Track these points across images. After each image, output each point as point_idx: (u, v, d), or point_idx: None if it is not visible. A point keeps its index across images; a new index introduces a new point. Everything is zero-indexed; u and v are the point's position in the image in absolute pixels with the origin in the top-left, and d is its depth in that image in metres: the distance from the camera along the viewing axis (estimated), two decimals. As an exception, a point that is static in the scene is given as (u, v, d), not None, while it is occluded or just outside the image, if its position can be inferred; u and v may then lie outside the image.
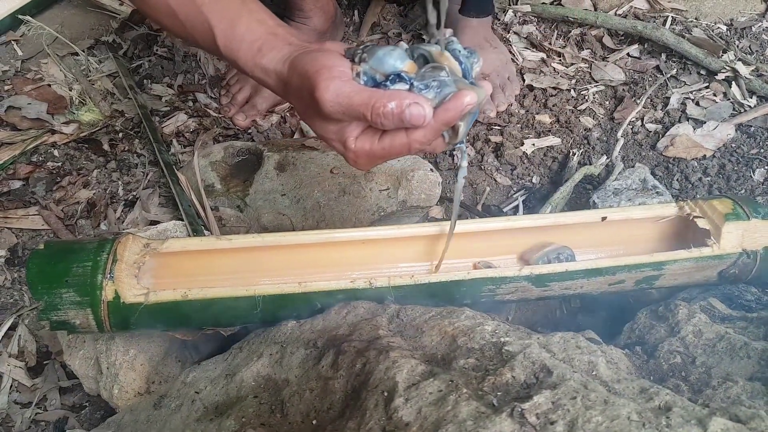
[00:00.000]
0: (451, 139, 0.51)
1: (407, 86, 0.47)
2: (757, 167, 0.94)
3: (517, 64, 1.13)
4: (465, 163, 0.55)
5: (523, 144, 0.99)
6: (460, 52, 0.48)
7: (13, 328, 0.80)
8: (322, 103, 0.46)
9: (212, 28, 0.54)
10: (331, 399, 0.48)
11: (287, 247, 0.66)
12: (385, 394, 0.44)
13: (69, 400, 0.74)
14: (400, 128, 0.47)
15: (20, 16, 1.22)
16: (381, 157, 0.50)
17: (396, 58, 0.47)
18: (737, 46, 1.12)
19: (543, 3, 1.21)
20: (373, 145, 0.49)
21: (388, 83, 0.47)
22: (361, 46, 0.49)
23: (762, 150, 0.96)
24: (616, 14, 1.19)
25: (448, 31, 0.49)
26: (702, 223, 0.66)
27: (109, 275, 0.57)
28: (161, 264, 0.64)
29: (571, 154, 0.96)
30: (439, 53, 0.47)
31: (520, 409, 0.40)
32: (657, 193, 0.80)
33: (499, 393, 0.43)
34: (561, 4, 1.21)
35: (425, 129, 0.47)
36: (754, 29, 1.16)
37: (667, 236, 0.71)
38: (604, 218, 0.68)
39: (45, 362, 0.77)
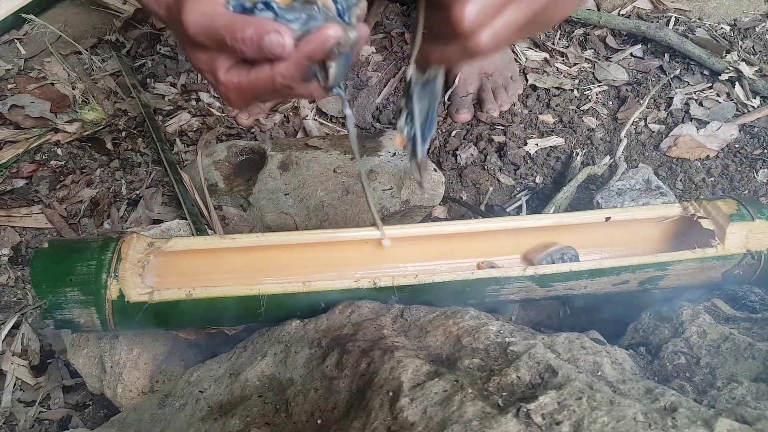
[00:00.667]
0: (324, 82, 0.48)
1: (273, 15, 0.45)
2: (761, 168, 0.94)
3: (520, 64, 1.13)
4: (349, 111, 0.56)
5: (526, 144, 0.99)
6: None
7: (16, 326, 0.80)
8: (186, 24, 0.46)
9: None
10: (335, 398, 0.48)
11: (291, 246, 0.66)
12: (390, 394, 0.44)
13: (72, 398, 0.74)
14: (265, 60, 0.46)
15: (24, 15, 1.22)
16: (249, 91, 0.48)
17: None
18: (741, 47, 1.12)
19: (546, 3, 1.21)
20: (241, 78, 0.47)
21: (255, 10, 0.46)
22: None
23: (765, 151, 0.96)
24: (619, 14, 1.19)
25: None
26: (706, 224, 0.65)
27: (113, 274, 0.57)
28: (165, 263, 0.64)
29: (574, 154, 0.96)
30: None
31: (525, 410, 0.40)
32: (661, 193, 0.80)
33: (504, 393, 0.43)
34: (564, 4, 1.21)
35: (288, 62, 0.45)
36: (757, 30, 1.15)
37: (670, 237, 0.71)
38: (607, 218, 0.68)
39: (48, 361, 0.77)
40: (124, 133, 1.03)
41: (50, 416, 0.72)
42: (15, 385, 0.74)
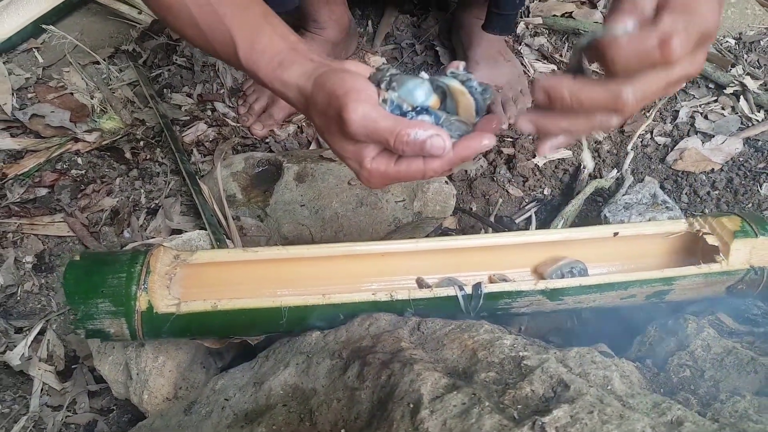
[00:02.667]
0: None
1: (431, 120, 0.50)
2: (764, 181, 0.96)
3: (529, 76, 1.15)
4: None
5: (534, 156, 1.01)
6: (476, 89, 0.51)
7: (42, 332, 0.82)
8: (348, 123, 0.48)
9: (234, 39, 0.55)
10: (358, 409, 0.51)
11: (310, 259, 0.68)
12: (411, 405, 0.47)
13: (97, 403, 0.76)
14: (418, 156, 0.50)
15: (43, 26, 1.24)
16: (395, 179, 0.52)
17: (424, 93, 0.51)
18: (746, 60, 1.14)
19: (554, 15, 1.23)
20: (389, 167, 0.51)
21: (414, 114, 0.50)
22: (387, 73, 0.52)
23: (769, 164, 0.99)
24: (626, 27, 1.21)
25: (461, 64, 0.52)
26: (711, 240, 0.68)
27: (143, 286, 0.60)
28: (190, 274, 0.66)
29: (581, 166, 0.98)
30: (458, 89, 0.51)
31: (540, 423, 0.42)
32: (667, 207, 0.82)
33: (519, 406, 0.46)
34: (572, 17, 1.23)
35: (442, 160, 0.49)
36: (762, 43, 1.18)
37: (676, 251, 0.73)
38: (615, 234, 0.70)
39: (73, 366, 0.80)
40: (142, 143, 1.06)
41: (77, 420, 0.74)
42: (42, 390, 0.77)
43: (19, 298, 0.86)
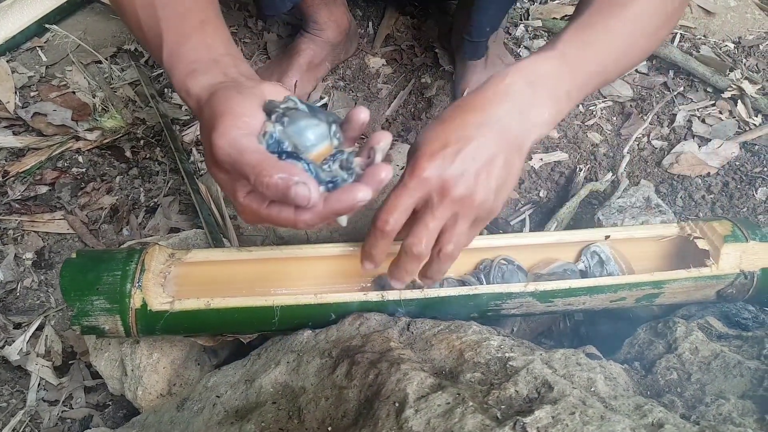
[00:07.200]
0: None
1: (305, 165, 0.45)
2: (760, 186, 0.96)
3: (527, 79, 1.15)
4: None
5: (530, 158, 1.02)
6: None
7: (40, 328, 0.83)
8: (214, 147, 0.44)
9: (162, 40, 0.54)
10: (345, 407, 0.51)
11: (304, 258, 0.69)
12: (397, 404, 0.48)
13: (93, 398, 0.77)
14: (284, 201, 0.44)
15: (46, 25, 1.26)
16: (267, 220, 0.47)
17: (316, 136, 0.45)
18: (744, 65, 1.14)
19: (554, 18, 1.23)
20: (261, 208, 0.46)
21: (290, 156, 0.45)
22: (284, 105, 0.46)
23: (765, 169, 0.99)
24: (625, 30, 1.21)
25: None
26: (702, 244, 0.68)
27: (137, 284, 0.61)
28: (184, 272, 0.67)
29: (577, 169, 0.99)
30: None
31: (522, 423, 0.43)
32: (660, 211, 0.83)
33: (502, 406, 0.47)
34: (571, 20, 1.24)
35: (314, 213, 0.45)
36: (761, 47, 1.18)
37: (668, 255, 0.74)
38: (607, 237, 0.71)
39: (70, 362, 0.81)
40: (142, 142, 1.07)
41: (73, 415, 0.75)
42: (39, 384, 0.78)
43: (18, 294, 0.88)
